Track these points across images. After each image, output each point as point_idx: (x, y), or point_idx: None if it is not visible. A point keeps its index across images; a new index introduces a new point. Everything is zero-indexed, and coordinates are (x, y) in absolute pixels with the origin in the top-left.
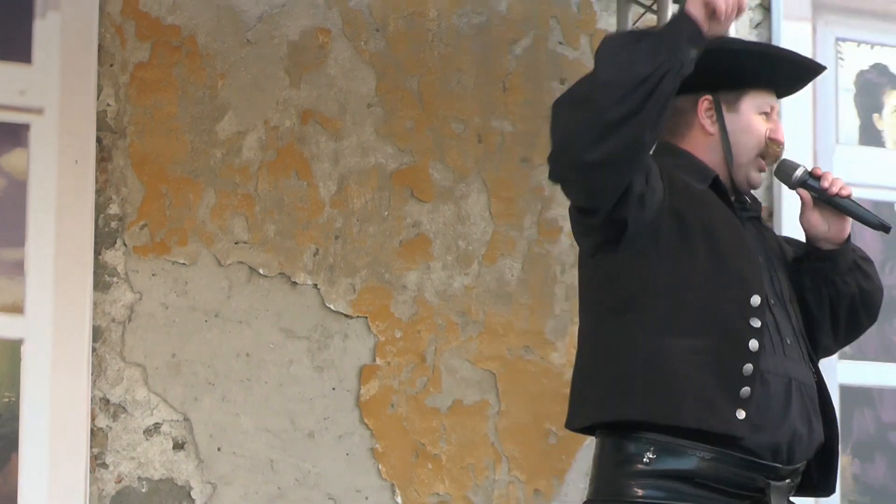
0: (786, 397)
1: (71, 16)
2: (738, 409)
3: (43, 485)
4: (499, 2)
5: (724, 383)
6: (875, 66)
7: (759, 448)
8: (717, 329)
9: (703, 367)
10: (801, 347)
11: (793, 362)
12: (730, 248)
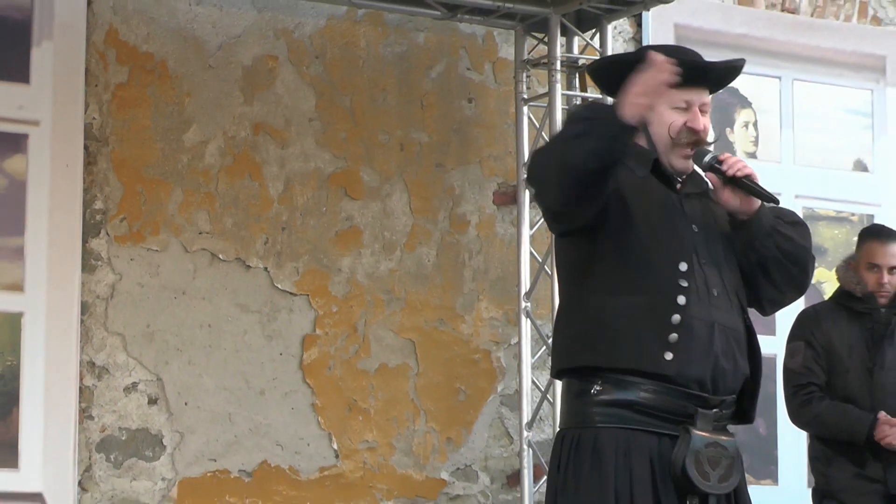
0: (709, 339)
1: (62, 44)
2: (667, 351)
3: (39, 433)
4: (417, 35)
5: (656, 332)
6: (727, 89)
7: (686, 381)
8: (651, 289)
9: (638, 319)
10: (731, 298)
11: (719, 311)
12: (663, 223)
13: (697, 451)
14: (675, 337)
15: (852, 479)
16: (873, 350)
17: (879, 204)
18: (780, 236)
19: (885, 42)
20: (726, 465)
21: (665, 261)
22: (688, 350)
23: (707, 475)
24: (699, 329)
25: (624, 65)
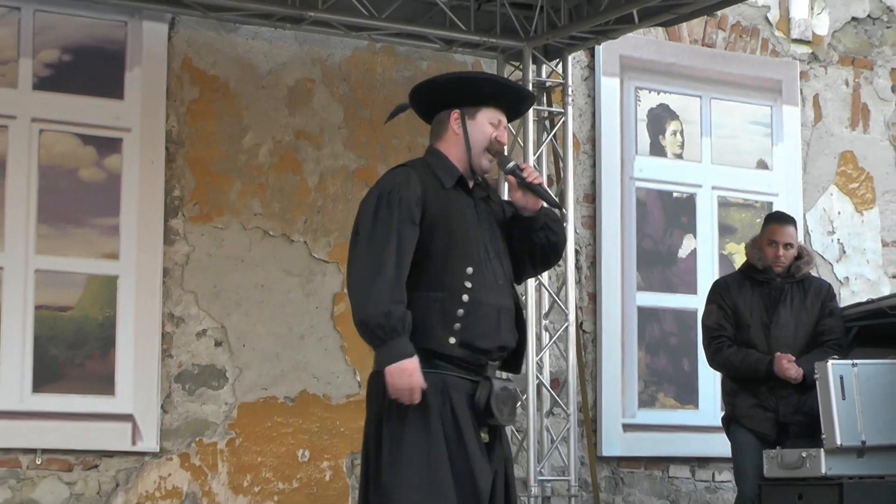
0: (497, 321)
1: (148, 69)
2: (451, 336)
3: (130, 368)
4: (422, 63)
5: (445, 321)
6: (660, 104)
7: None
8: (445, 287)
9: (433, 311)
10: (509, 284)
11: (503, 296)
12: (459, 231)
13: (496, 393)
14: (459, 326)
15: (752, 408)
16: (770, 310)
17: (777, 194)
18: (549, 230)
19: (781, 70)
20: (511, 404)
21: (454, 264)
22: (473, 334)
23: (501, 411)
24: (487, 314)
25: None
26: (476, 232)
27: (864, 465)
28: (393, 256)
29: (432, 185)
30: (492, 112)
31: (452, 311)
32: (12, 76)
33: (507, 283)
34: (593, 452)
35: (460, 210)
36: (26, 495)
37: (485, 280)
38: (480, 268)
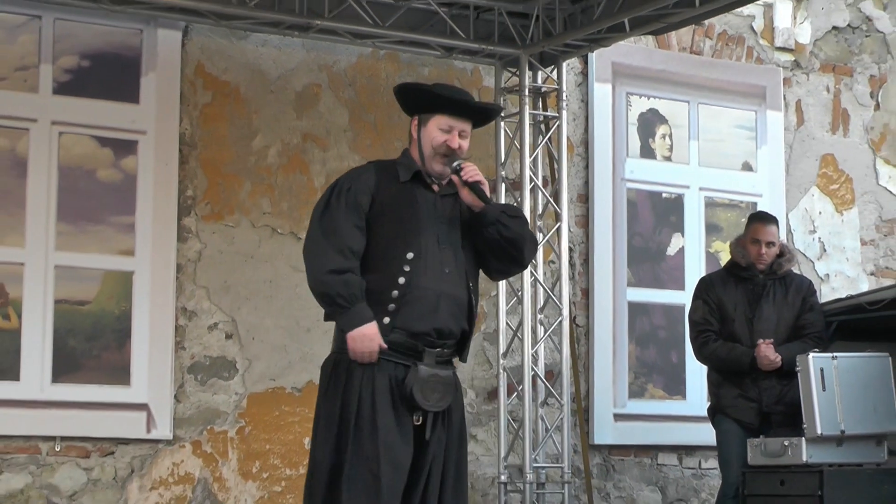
0: (435, 305)
1: (163, 75)
2: (386, 316)
3: (145, 359)
4: (423, 69)
5: (381, 302)
6: (650, 109)
7: (413, 332)
8: (386, 270)
9: (374, 291)
10: (460, 274)
11: (447, 284)
12: (406, 220)
13: (423, 380)
14: (393, 307)
15: (736, 399)
16: (753, 305)
17: (761, 195)
18: (502, 225)
19: (765, 76)
20: (442, 390)
21: (396, 250)
22: (407, 316)
23: (428, 397)
24: (424, 298)
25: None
26: (427, 222)
27: (844, 453)
28: (343, 237)
29: (388, 179)
30: (443, 119)
31: (388, 293)
32: (33, 81)
33: (456, 273)
34: (586, 441)
35: (412, 201)
36: (46, 480)
37: (427, 267)
38: (424, 255)
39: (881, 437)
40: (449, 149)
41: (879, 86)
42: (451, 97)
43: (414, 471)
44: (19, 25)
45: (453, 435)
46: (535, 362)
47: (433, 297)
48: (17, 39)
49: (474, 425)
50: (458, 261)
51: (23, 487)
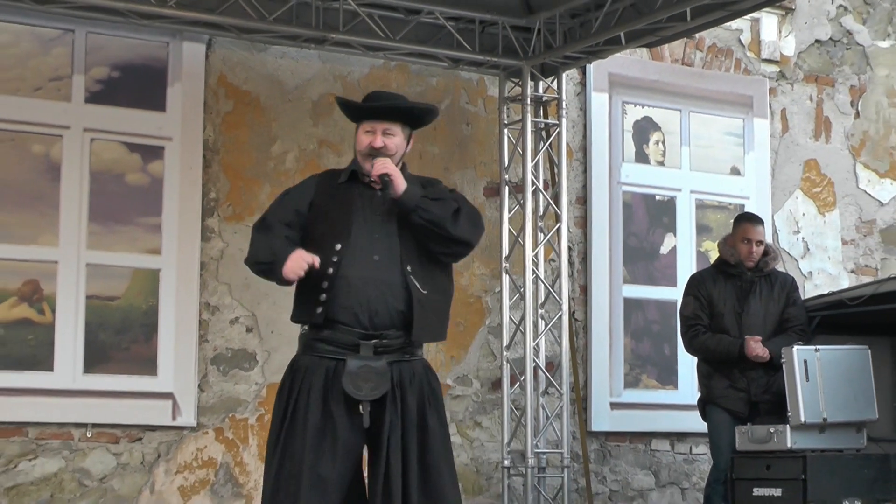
0: (364, 292)
1: (188, 85)
2: (318, 307)
3: (171, 351)
4: (431, 79)
5: (313, 293)
6: (644, 117)
7: (344, 323)
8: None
9: (308, 285)
10: (393, 260)
11: (378, 271)
12: (337, 215)
13: (352, 372)
14: (324, 297)
15: (726, 389)
16: (741, 301)
17: (748, 197)
18: (422, 210)
19: (752, 86)
20: (375, 380)
21: (326, 243)
22: (335, 305)
23: (360, 387)
24: (357, 285)
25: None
26: (359, 216)
27: (826, 439)
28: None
29: (329, 183)
30: (366, 124)
31: (320, 284)
32: (66, 91)
33: (388, 260)
34: (584, 428)
35: (346, 199)
36: (78, 465)
37: (355, 256)
38: (352, 245)
39: (861, 424)
40: (371, 148)
41: (859, 95)
42: (364, 106)
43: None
44: (54, 38)
45: (409, 420)
46: (536, 354)
47: (360, 282)
48: (51, 52)
49: (479, 413)
50: (391, 249)
51: (56, 471)
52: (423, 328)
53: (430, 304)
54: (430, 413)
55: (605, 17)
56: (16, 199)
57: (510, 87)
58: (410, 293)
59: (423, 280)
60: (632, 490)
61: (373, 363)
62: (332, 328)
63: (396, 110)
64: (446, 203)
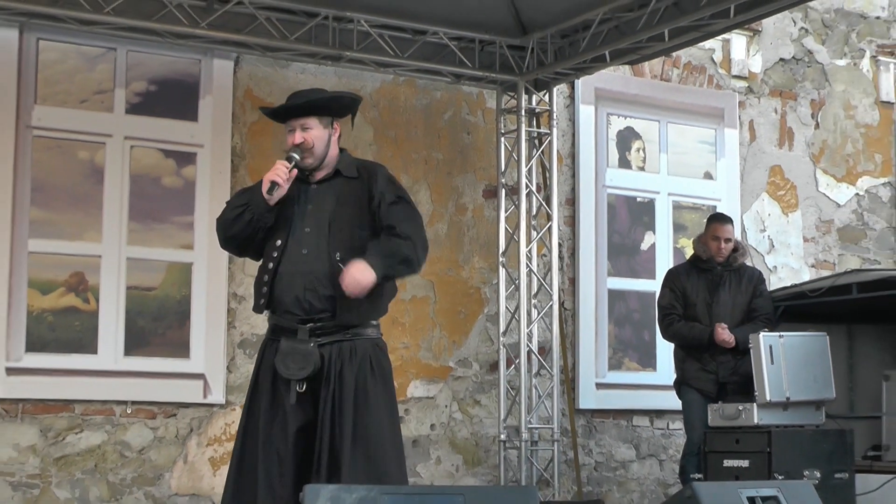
0: (294, 283)
1: (218, 97)
2: (262, 298)
3: (202, 336)
4: (436, 93)
5: (259, 286)
6: (626, 127)
7: (285, 310)
8: (264, 259)
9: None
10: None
11: (306, 264)
12: (280, 213)
13: (283, 352)
14: (266, 290)
15: (698, 372)
16: (712, 293)
17: (720, 199)
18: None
19: (723, 100)
20: (301, 360)
21: (271, 240)
22: (278, 294)
23: (289, 367)
24: (288, 279)
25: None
26: (296, 211)
27: (788, 416)
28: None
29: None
30: (288, 125)
31: (263, 277)
32: (109, 103)
33: (316, 252)
34: (572, 406)
35: (290, 197)
36: (119, 438)
37: (289, 252)
38: (289, 240)
39: (820, 403)
40: (294, 145)
41: (819, 108)
42: (276, 108)
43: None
44: (98, 56)
45: (346, 394)
46: (529, 340)
47: (289, 277)
48: (95, 68)
49: (478, 392)
50: (319, 240)
51: (100, 443)
52: (348, 310)
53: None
54: (370, 385)
55: (591, 38)
56: (64, 199)
57: (506, 99)
58: (335, 282)
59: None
60: (615, 461)
61: (300, 345)
62: (279, 315)
63: (299, 107)
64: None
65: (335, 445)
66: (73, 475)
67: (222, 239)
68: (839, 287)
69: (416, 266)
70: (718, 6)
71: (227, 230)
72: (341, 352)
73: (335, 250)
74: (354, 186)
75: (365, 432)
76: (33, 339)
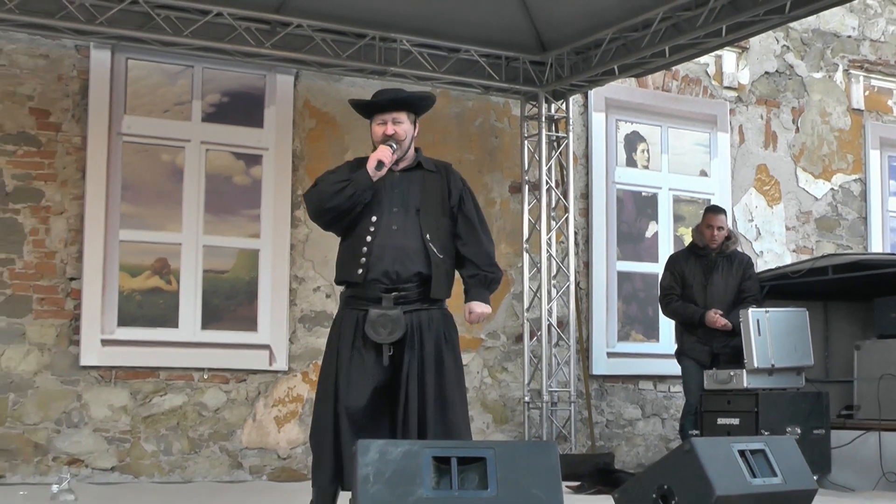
0: (385, 256)
1: (280, 107)
2: (359, 269)
3: (268, 313)
4: (468, 102)
5: (354, 257)
6: (633, 131)
7: (375, 280)
8: (358, 233)
9: (348, 251)
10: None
11: (396, 239)
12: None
13: (372, 319)
14: (364, 261)
15: (694, 344)
16: (707, 275)
17: (713, 194)
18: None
19: (716, 108)
20: (390, 326)
21: (365, 217)
22: (373, 266)
23: (380, 332)
24: (379, 251)
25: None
26: (384, 194)
27: (773, 380)
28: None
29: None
30: (378, 118)
31: (358, 250)
32: (187, 112)
33: (405, 229)
34: (587, 372)
35: (379, 181)
36: (197, 399)
37: (383, 228)
38: (381, 218)
39: (800, 369)
40: (387, 136)
41: (798, 115)
42: (371, 101)
43: (393, 392)
44: (178, 72)
45: (428, 360)
46: (549, 315)
47: (380, 250)
48: (176, 82)
49: (506, 360)
50: (407, 219)
51: (181, 404)
52: (438, 286)
53: (444, 267)
54: (445, 354)
55: (602, 54)
56: (149, 196)
57: (529, 108)
58: (429, 257)
59: (439, 247)
60: (623, 420)
61: (389, 312)
62: (365, 286)
63: (399, 101)
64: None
65: (421, 409)
66: (158, 431)
67: (317, 210)
68: (817, 269)
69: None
70: (712, 27)
71: (326, 202)
72: (421, 320)
73: (425, 231)
74: (435, 179)
75: (444, 398)
76: (124, 315)
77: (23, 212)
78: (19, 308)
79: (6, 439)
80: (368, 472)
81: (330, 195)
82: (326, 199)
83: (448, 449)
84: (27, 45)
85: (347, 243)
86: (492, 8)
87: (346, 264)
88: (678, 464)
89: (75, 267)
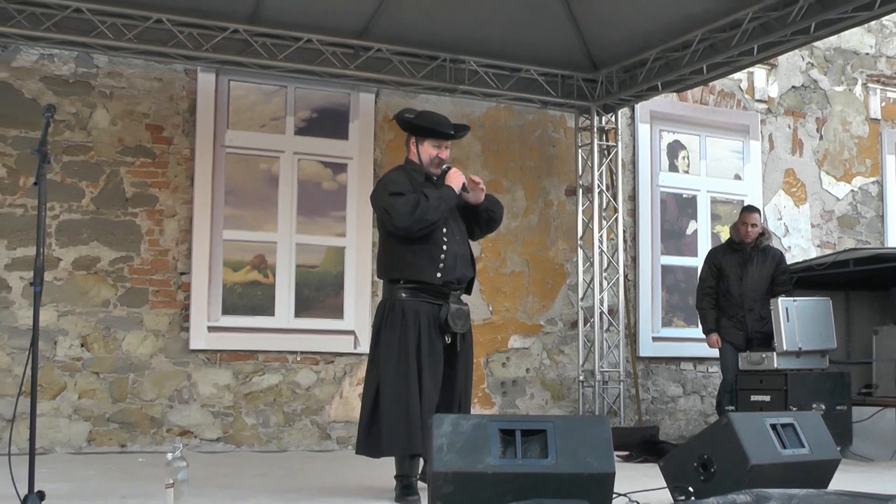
0: (455, 261)
1: (363, 121)
2: (437, 272)
3: (353, 302)
4: (528, 115)
5: (432, 262)
6: (674, 140)
7: (448, 282)
8: (433, 241)
9: (424, 256)
10: (464, 241)
11: (458, 246)
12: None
13: (453, 313)
14: (442, 265)
15: (730, 328)
16: (743, 268)
17: (746, 195)
18: (490, 211)
19: (749, 118)
20: (464, 318)
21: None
22: (448, 270)
23: (457, 324)
24: (452, 257)
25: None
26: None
27: (801, 362)
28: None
29: (412, 179)
30: (434, 141)
31: (436, 256)
32: (282, 126)
33: (461, 239)
34: (634, 354)
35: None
36: (291, 379)
37: (451, 236)
38: (449, 229)
39: (824, 352)
40: (440, 160)
41: (822, 124)
42: (438, 129)
43: (449, 377)
44: (273, 92)
45: (468, 349)
46: (601, 304)
47: (452, 255)
48: (272, 101)
49: (562, 344)
50: (461, 229)
51: (277, 383)
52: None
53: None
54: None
55: (647, 72)
56: (249, 200)
57: (582, 120)
58: (473, 261)
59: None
60: (667, 397)
61: (463, 307)
62: (440, 285)
63: (459, 136)
64: (500, 206)
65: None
66: (257, 407)
67: (424, 226)
68: (839, 262)
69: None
70: (745, 46)
71: (432, 215)
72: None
73: (469, 239)
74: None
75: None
76: (227, 304)
77: (140, 215)
78: (137, 299)
79: (127, 413)
80: (443, 443)
81: (434, 209)
82: (432, 212)
83: (513, 422)
84: (143, 70)
85: (422, 248)
86: (549, 32)
87: (423, 267)
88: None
89: (185, 263)
